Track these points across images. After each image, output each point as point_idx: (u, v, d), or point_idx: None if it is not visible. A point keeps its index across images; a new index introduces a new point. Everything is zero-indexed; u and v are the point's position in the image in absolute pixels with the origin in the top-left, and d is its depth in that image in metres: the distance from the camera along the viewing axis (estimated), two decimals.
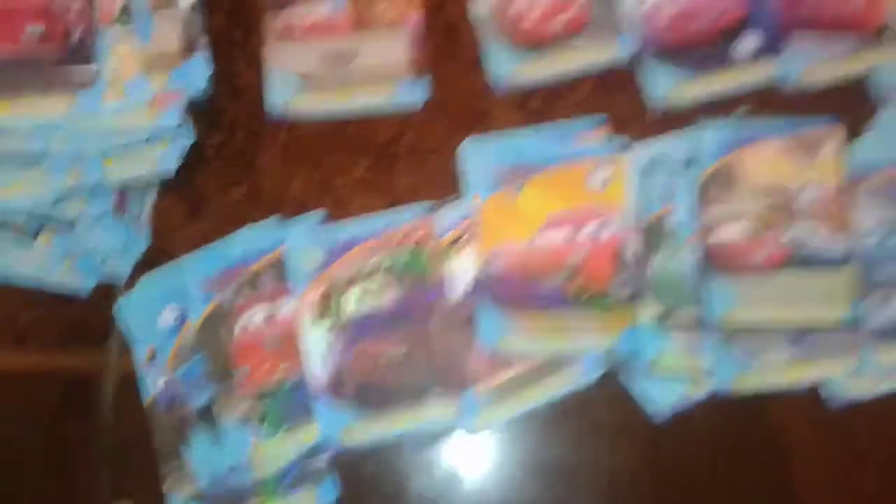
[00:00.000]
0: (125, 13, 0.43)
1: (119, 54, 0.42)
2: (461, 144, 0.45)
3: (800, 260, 0.42)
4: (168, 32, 0.43)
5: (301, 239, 0.44)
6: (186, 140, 0.43)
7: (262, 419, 0.42)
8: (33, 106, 0.42)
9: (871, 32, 0.46)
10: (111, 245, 0.44)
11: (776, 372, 0.42)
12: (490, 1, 0.48)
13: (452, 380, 0.43)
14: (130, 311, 0.44)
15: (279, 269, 0.44)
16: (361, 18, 0.48)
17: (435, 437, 0.44)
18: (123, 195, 0.45)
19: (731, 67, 0.46)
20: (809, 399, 0.43)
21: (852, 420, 0.43)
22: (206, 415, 0.42)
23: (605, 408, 0.44)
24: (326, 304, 0.43)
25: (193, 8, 0.44)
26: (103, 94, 0.42)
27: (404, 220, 0.44)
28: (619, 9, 0.48)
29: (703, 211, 0.43)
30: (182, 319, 0.43)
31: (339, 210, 0.46)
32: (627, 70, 0.47)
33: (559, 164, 0.44)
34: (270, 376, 0.43)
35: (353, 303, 0.43)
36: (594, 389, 0.43)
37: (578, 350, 0.43)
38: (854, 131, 0.45)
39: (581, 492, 0.44)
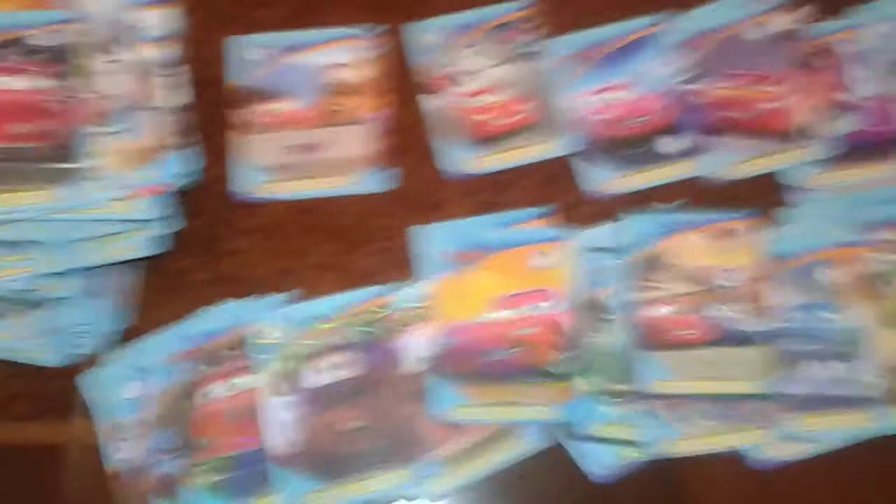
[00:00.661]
0: (105, 113, 0.46)
1: (99, 150, 0.45)
2: (414, 230, 0.49)
3: (722, 337, 0.46)
4: (150, 129, 0.46)
5: (264, 318, 0.47)
6: (165, 229, 0.46)
7: (222, 489, 0.44)
8: (15, 197, 0.43)
9: (780, 135, 0.52)
10: (85, 323, 0.46)
11: (699, 439, 0.45)
12: (440, 100, 0.53)
13: (406, 449, 0.45)
14: (97, 386, 0.46)
15: (241, 345, 0.46)
16: (327, 115, 0.53)
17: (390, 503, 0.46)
18: (98, 277, 0.47)
19: (657, 164, 0.52)
20: (733, 460, 0.46)
21: (770, 482, 0.45)
22: (167, 485, 0.44)
23: (549, 474, 0.46)
24: (286, 378, 0.46)
25: (171, 107, 0.48)
26: (86, 186, 0.44)
27: (363, 299, 0.47)
28: (562, 110, 0.53)
29: (634, 292, 0.47)
30: (147, 394, 0.45)
31: (302, 289, 0.48)
32: (568, 163, 0.52)
33: (505, 249, 0.48)
34: (231, 448, 0.45)
35: (312, 376, 0.46)
36: (540, 457, 0.45)
37: (525, 419, 0.45)
38: (769, 220, 0.50)
39: None
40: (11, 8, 0.47)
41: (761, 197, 0.51)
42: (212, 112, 0.52)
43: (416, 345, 0.47)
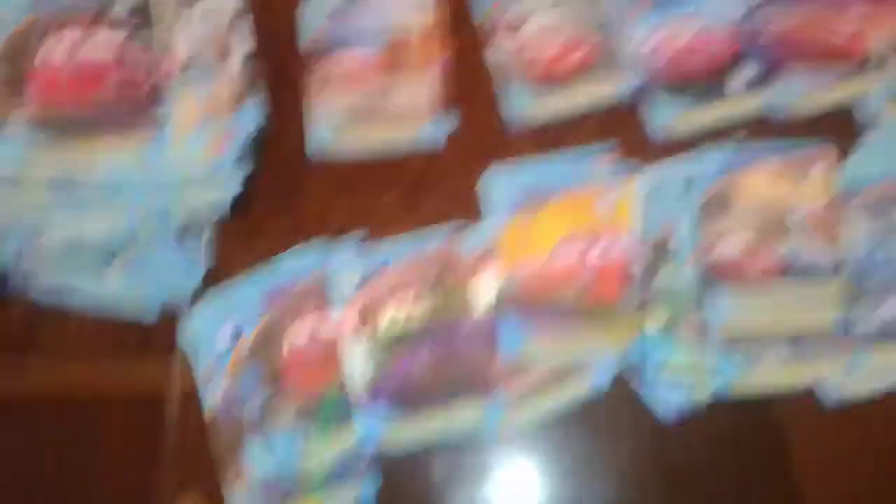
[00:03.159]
0: (188, 66, 0.48)
1: (182, 103, 0.48)
2: (482, 173, 0.50)
3: (794, 271, 0.46)
4: (225, 82, 0.48)
5: (341, 261, 0.49)
6: (242, 177, 0.49)
7: (309, 424, 0.47)
8: (109, 149, 0.46)
9: (855, 63, 0.50)
10: (176, 272, 0.50)
11: (774, 374, 0.45)
12: (507, 45, 0.54)
13: (478, 387, 0.47)
14: (192, 330, 0.49)
15: (322, 288, 0.49)
16: (392, 64, 0.54)
17: (462, 439, 0.47)
18: (186, 228, 0.50)
19: (728, 98, 0.51)
20: (807, 398, 0.46)
21: (848, 417, 0.45)
22: (260, 422, 0.47)
23: (616, 411, 0.47)
24: (365, 320, 0.48)
25: (246, 60, 0.50)
26: (170, 138, 0.47)
27: (432, 241, 0.49)
28: (623, 48, 0.53)
29: (703, 229, 0.47)
30: (238, 335, 0.49)
31: (374, 235, 0.50)
32: (632, 104, 0.52)
33: (571, 189, 0.49)
34: (316, 385, 0.47)
35: (389, 318, 0.48)
36: (607, 394, 0.47)
37: (591, 358, 0.47)
38: (842, 153, 0.49)
39: (596, 489, 0.47)
40: None
41: (834, 129, 0.50)
42: (284, 63, 0.54)
43: (486, 285, 0.48)
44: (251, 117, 0.48)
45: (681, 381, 0.46)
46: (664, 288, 0.47)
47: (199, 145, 0.47)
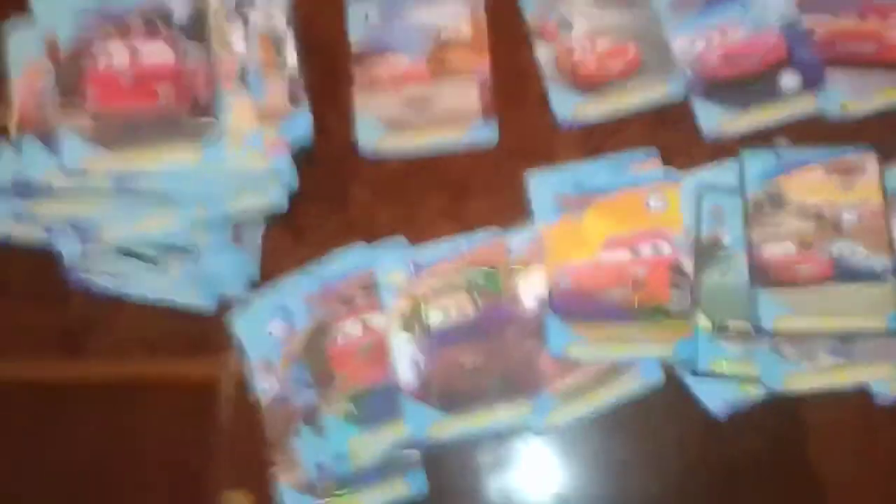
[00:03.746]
0: (242, 74, 0.50)
1: (237, 109, 0.49)
2: (527, 175, 0.51)
3: (842, 274, 0.46)
4: (277, 89, 0.50)
5: (389, 260, 0.50)
6: (293, 180, 0.50)
7: (358, 417, 0.48)
8: (167, 154, 0.48)
9: None
10: (229, 269, 0.51)
11: (824, 375, 0.45)
12: (552, 48, 0.54)
13: (525, 384, 0.48)
14: (244, 325, 0.51)
15: (370, 286, 0.50)
16: (437, 68, 0.55)
17: (510, 434, 0.48)
18: (239, 227, 0.52)
19: (776, 101, 0.51)
20: (858, 397, 0.45)
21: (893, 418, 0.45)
22: (311, 413, 0.48)
23: (666, 410, 0.47)
24: (412, 317, 0.49)
25: (296, 68, 0.51)
26: (225, 143, 0.48)
27: (479, 242, 0.50)
28: (670, 51, 0.53)
29: (751, 231, 0.47)
30: (288, 331, 0.50)
31: (420, 236, 0.51)
32: (679, 106, 0.52)
33: (617, 192, 0.49)
34: (364, 380, 0.49)
35: (435, 316, 0.49)
36: (653, 394, 0.47)
37: (639, 357, 0.47)
38: (891, 156, 0.48)
39: (641, 485, 0.47)
40: None
41: (884, 131, 0.49)
42: (333, 70, 0.55)
43: (533, 285, 0.49)
44: (302, 122, 0.50)
45: (730, 381, 0.46)
46: (713, 289, 0.47)
47: (253, 149, 0.49)
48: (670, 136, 0.52)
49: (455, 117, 0.54)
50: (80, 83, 0.49)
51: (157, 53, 0.50)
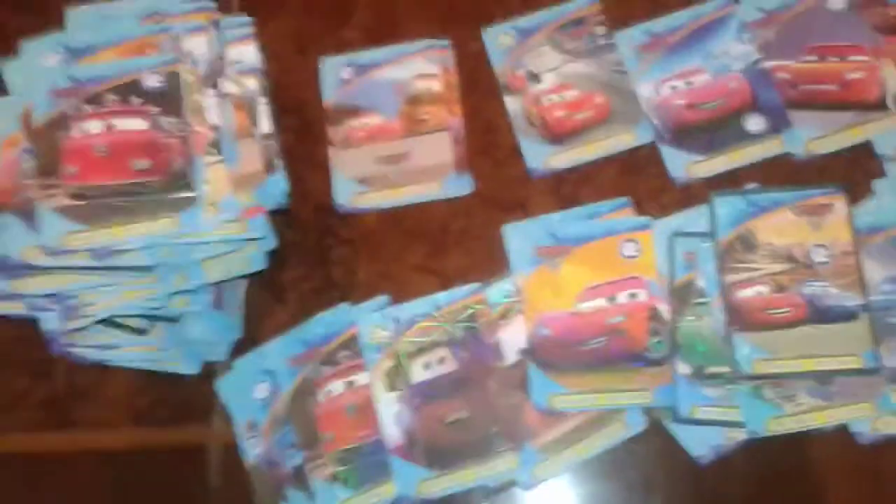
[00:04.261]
0: (215, 144, 0.50)
1: (213, 178, 0.49)
2: (503, 228, 0.52)
3: (816, 315, 0.46)
4: (252, 156, 0.50)
5: (371, 319, 0.51)
6: (270, 244, 0.50)
7: (346, 478, 0.48)
8: (144, 227, 0.48)
9: (869, 105, 0.51)
10: (212, 334, 0.52)
11: (804, 417, 0.45)
12: (521, 100, 0.55)
13: (511, 437, 0.48)
14: (230, 389, 0.51)
15: (353, 346, 0.50)
16: (410, 124, 0.56)
17: (498, 488, 0.48)
18: (220, 290, 0.52)
19: (742, 144, 0.52)
20: (841, 435, 0.46)
21: (881, 454, 0.46)
22: (299, 475, 0.48)
23: (651, 456, 0.48)
24: (395, 374, 0.49)
25: (269, 134, 0.52)
26: (201, 212, 0.49)
27: (461, 296, 0.50)
28: (637, 99, 0.54)
29: (725, 274, 0.48)
30: (274, 394, 0.50)
31: (400, 292, 0.52)
32: (649, 149, 0.53)
33: (591, 241, 0.50)
34: (351, 440, 0.49)
35: (418, 372, 0.49)
36: (638, 441, 0.47)
37: (621, 405, 0.47)
38: (858, 194, 0.49)
39: None
40: (116, 57, 0.52)
41: (851, 169, 0.50)
42: (306, 131, 0.56)
43: (514, 337, 0.49)
44: (278, 185, 0.50)
45: (716, 422, 0.46)
46: (690, 334, 0.48)
47: (229, 217, 0.49)
48: (641, 181, 0.53)
49: (430, 171, 0.55)
50: (56, 159, 0.50)
51: (131, 126, 0.51)
